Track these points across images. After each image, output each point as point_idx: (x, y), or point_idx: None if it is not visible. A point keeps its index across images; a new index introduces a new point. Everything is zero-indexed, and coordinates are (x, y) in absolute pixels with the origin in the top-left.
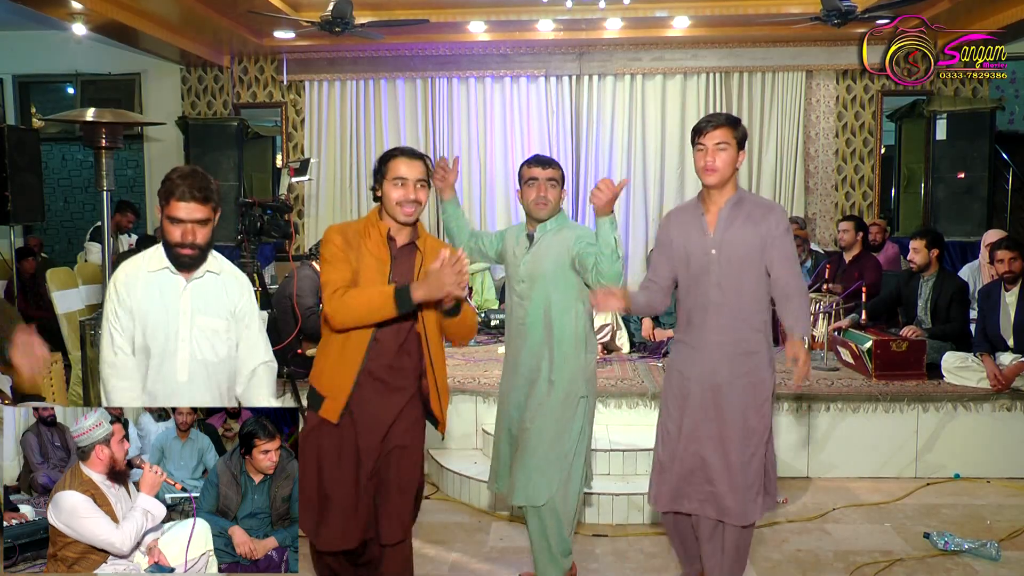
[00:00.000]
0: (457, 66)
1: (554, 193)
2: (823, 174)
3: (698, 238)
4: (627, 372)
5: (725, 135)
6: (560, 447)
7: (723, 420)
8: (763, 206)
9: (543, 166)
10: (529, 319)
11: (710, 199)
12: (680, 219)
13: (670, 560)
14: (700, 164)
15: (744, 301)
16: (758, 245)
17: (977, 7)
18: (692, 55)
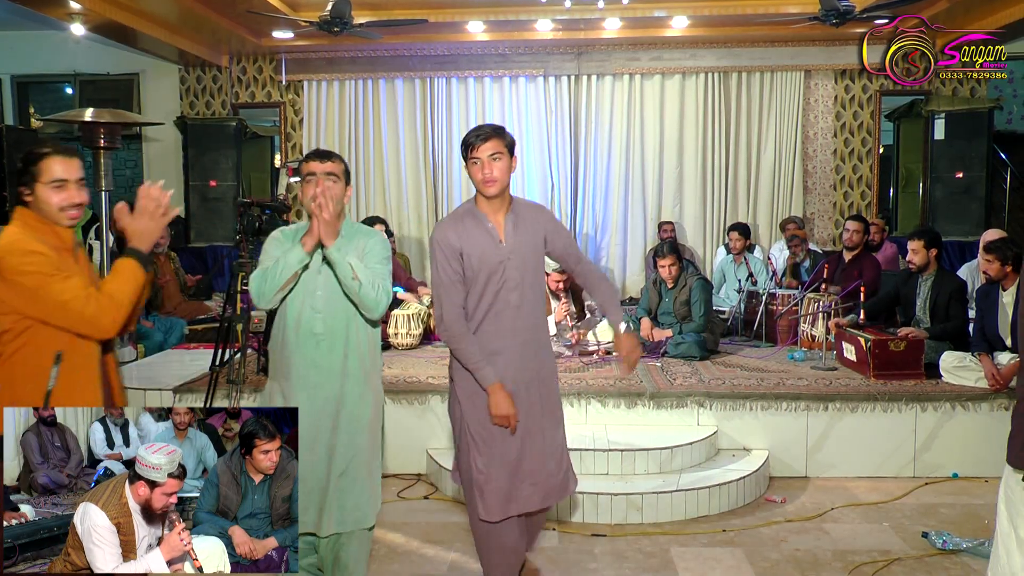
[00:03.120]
0: (456, 66)
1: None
2: (821, 174)
3: (491, 249)
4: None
5: (497, 145)
6: (376, 459)
7: (543, 412)
8: (533, 206)
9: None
10: (328, 332)
11: (491, 208)
12: (463, 232)
13: (669, 560)
14: (478, 177)
15: (536, 297)
16: (541, 243)
17: (975, 7)
18: (691, 55)
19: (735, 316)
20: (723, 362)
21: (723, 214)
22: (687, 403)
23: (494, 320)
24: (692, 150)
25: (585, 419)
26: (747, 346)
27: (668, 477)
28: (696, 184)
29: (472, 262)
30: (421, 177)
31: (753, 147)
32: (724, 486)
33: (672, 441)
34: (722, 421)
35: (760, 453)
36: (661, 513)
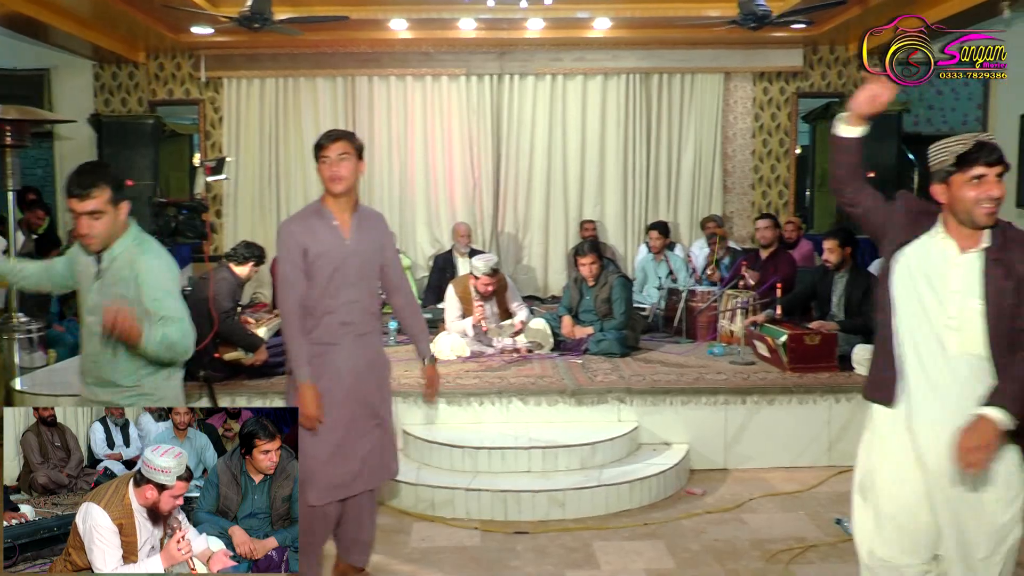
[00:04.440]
0: (378, 64)
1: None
2: (740, 173)
3: (336, 245)
4: (547, 370)
5: (345, 147)
6: None
7: (374, 401)
8: (377, 214)
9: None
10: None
11: (338, 207)
12: (308, 228)
13: (592, 554)
14: (326, 174)
15: (371, 294)
16: (379, 246)
17: (873, 18)
18: (612, 56)
19: (656, 313)
20: (644, 358)
21: (644, 213)
22: (608, 399)
23: (334, 314)
24: (614, 150)
25: (507, 417)
26: (667, 342)
27: (590, 473)
28: (617, 183)
29: (317, 258)
30: None
31: (674, 147)
32: (645, 480)
33: (593, 437)
34: (643, 416)
35: (680, 447)
36: (583, 508)
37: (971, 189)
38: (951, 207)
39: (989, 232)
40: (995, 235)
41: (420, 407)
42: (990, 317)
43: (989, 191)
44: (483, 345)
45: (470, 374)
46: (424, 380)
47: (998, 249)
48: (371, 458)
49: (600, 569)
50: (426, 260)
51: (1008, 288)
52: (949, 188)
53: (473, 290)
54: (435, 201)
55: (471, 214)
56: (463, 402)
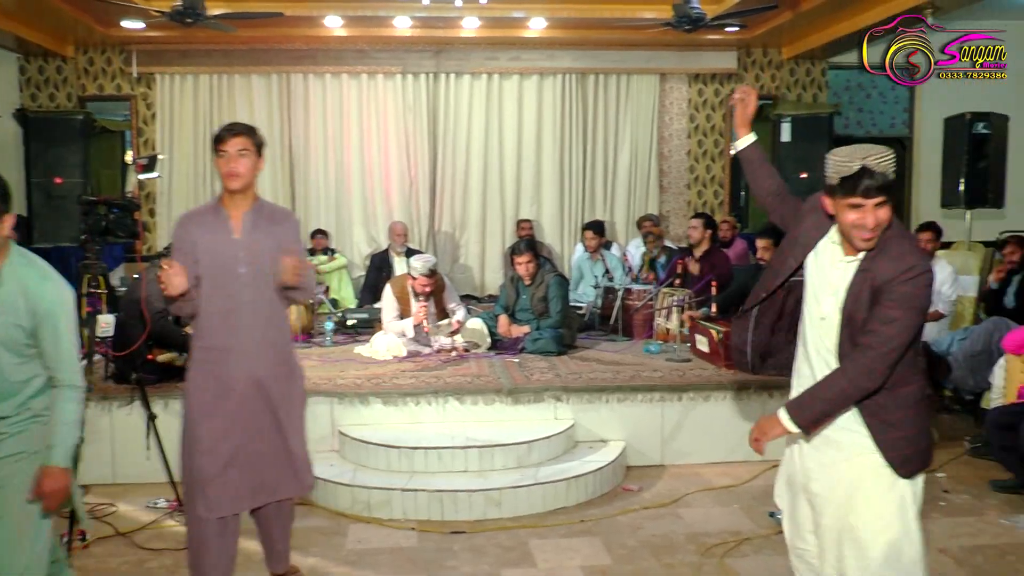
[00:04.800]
0: (313, 62)
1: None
2: (676, 173)
3: (225, 242)
4: (484, 369)
5: (245, 142)
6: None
7: (277, 409)
8: (281, 211)
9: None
10: None
11: (233, 204)
12: (201, 223)
13: (528, 552)
14: (223, 170)
15: (271, 297)
16: (277, 245)
17: (805, 23)
18: (548, 56)
19: (592, 311)
20: (580, 356)
21: (581, 212)
22: (544, 398)
23: (227, 316)
24: (550, 149)
25: (443, 417)
26: (604, 340)
27: (526, 471)
28: (554, 182)
29: (205, 255)
30: (278, 175)
31: (610, 147)
32: (581, 477)
33: (530, 436)
34: (579, 414)
35: (617, 444)
36: (520, 507)
37: (851, 213)
38: (836, 220)
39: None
40: (876, 245)
41: (356, 408)
42: (843, 324)
43: (865, 220)
44: (420, 345)
45: (406, 374)
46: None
47: (870, 259)
48: (271, 471)
49: (537, 567)
50: (363, 259)
51: (864, 299)
52: (834, 204)
53: (411, 290)
54: (372, 200)
55: (408, 213)
56: (399, 402)
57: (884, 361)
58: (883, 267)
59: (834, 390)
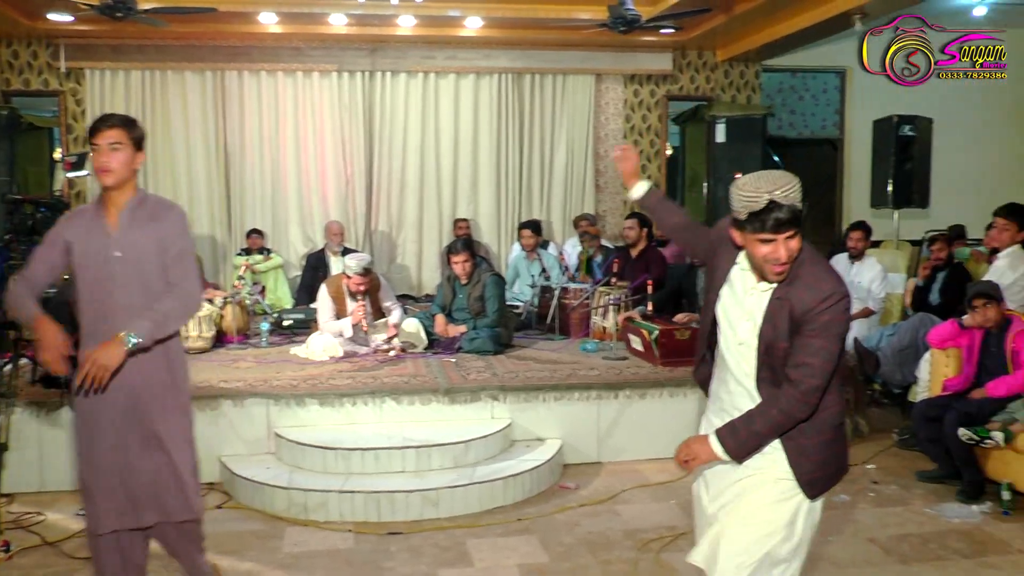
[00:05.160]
0: (248, 59)
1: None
2: (612, 173)
3: (99, 240)
4: (420, 369)
5: (119, 135)
6: None
7: (156, 423)
8: (164, 205)
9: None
10: None
11: (111, 200)
12: (78, 222)
13: (465, 552)
14: (96, 165)
15: (151, 301)
16: (159, 244)
17: (739, 26)
18: (485, 55)
19: (529, 311)
20: (517, 356)
21: (517, 211)
22: (481, 397)
23: (102, 318)
24: (487, 148)
25: (380, 417)
26: (541, 339)
27: (463, 471)
28: (490, 182)
29: (80, 256)
30: (213, 173)
31: (546, 146)
32: (518, 476)
33: (467, 435)
34: (516, 413)
35: (554, 442)
36: (457, 507)
37: (761, 247)
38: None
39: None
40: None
41: (292, 409)
42: (760, 354)
43: (777, 254)
44: (357, 345)
45: (343, 374)
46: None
47: (785, 287)
48: (152, 489)
49: (473, 566)
50: (299, 259)
51: (783, 330)
52: (744, 237)
53: (346, 289)
54: (308, 199)
55: (344, 212)
56: (336, 403)
57: (817, 392)
58: (801, 296)
59: (768, 423)
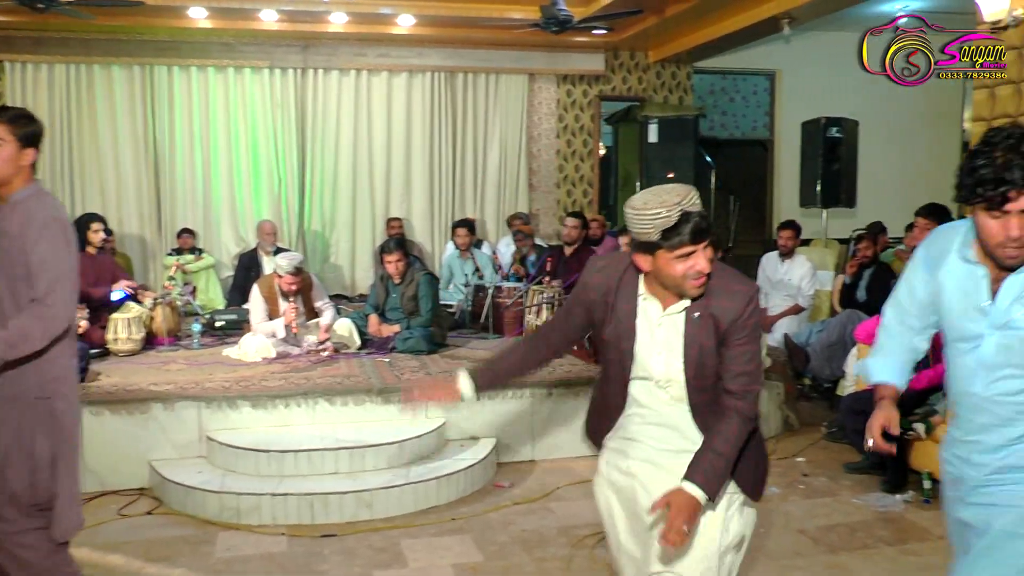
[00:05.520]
0: (178, 54)
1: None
2: (546, 172)
3: None
4: (354, 369)
5: (1, 131)
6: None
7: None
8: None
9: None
10: None
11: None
12: None
13: (400, 553)
14: None
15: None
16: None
17: (671, 28)
18: (417, 53)
19: (462, 310)
20: (451, 355)
21: (451, 210)
22: None
23: None
24: (420, 147)
25: (314, 419)
26: (475, 338)
27: (397, 471)
28: (424, 181)
29: None
30: (143, 171)
31: (479, 145)
32: (453, 476)
33: (401, 435)
34: (450, 412)
35: (488, 441)
36: (391, 507)
37: (680, 264)
38: (655, 276)
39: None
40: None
41: (224, 412)
42: (690, 378)
43: (699, 266)
44: (290, 345)
45: (276, 376)
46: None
47: (700, 303)
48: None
49: (408, 567)
50: (231, 259)
51: (710, 347)
52: (654, 260)
53: (278, 289)
54: (239, 198)
55: (277, 211)
56: (269, 405)
57: (759, 396)
58: (724, 305)
59: (731, 443)
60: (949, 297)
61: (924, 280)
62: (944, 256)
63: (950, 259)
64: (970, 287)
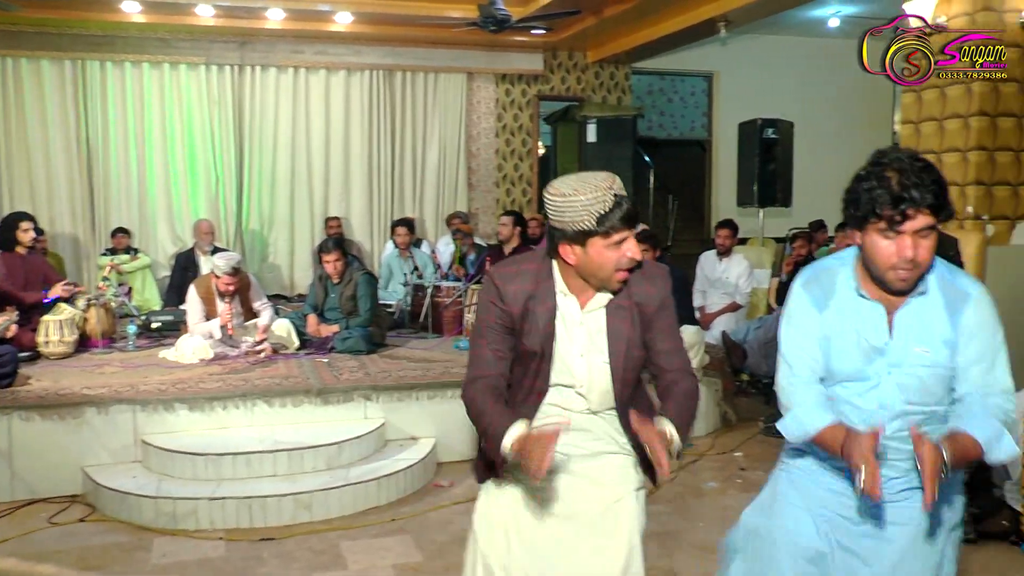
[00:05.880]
0: (111, 49)
1: None
2: (485, 171)
3: None
4: (292, 369)
5: None
6: None
7: None
8: None
9: None
10: None
11: None
12: None
13: (339, 555)
14: None
15: None
16: None
17: (609, 29)
18: (355, 51)
19: (402, 309)
20: (390, 355)
21: (390, 209)
22: (354, 397)
23: None
24: (358, 146)
25: (252, 421)
26: (414, 338)
27: (336, 472)
28: (363, 180)
29: None
30: (75, 169)
31: (418, 144)
32: (392, 476)
33: (340, 436)
34: (389, 413)
35: (427, 441)
36: (331, 509)
37: (613, 251)
38: (581, 269)
39: None
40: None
41: (161, 415)
42: (616, 372)
43: (633, 251)
44: (227, 346)
45: (213, 377)
46: None
47: (623, 295)
48: None
49: (348, 569)
50: (167, 259)
51: (636, 337)
52: (585, 250)
53: (215, 289)
54: (176, 197)
55: (214, 210)
56: (206, 407)
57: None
58: (646, 291)
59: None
60: (842, 336)
61: (816, 320)
62: (830, 295)
63: (839, 296)
64: (866, 325)
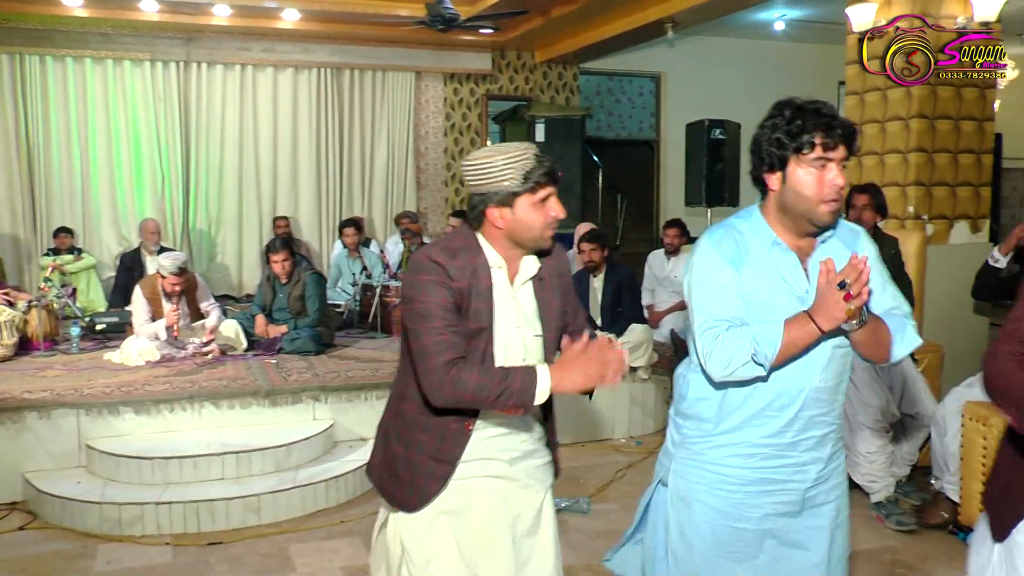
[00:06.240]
0: (52, 43)
1: None
2: (433, 171)
3: None
4: (240, 371)
5: None
6: None
7: None
8: None
9: None
10: None
11: None
12: None
13: (288, 558)
14: None
15: None
16: None
17: (556, 29)
18: (303, 49)
19: (351, 309)
20: (339, 355)
21: (338, 209)
22: (303, 398)
23: None
24: (306, 145)
25: (199, 423)
26: (363, 338)
27: (285, 475)
28: (311, 179)
29: None
30: (14, 166)
31: (367, 143)
32: (341, 478)
33: (288, 438)
34: (338, 414)
35: None
36: (279, 512)
37: (539, 211)
38: (512, 232)
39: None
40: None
41: (106, 419)
42: (548, 344)
43: (557, 209)
44: (174, 348)
45: (159, 379)
46: None
47: (544, 269)
48: None
49: (296, 572)
50: (112, 259)
51: (559, 306)
52: (513, 211)
53: (161, 290)
54: (121, 195)
55: (160, 209)
56: (152, 410)
57: None
58: (557, 263)
59: None
60: (765, 290)
61: (734, 277)
62: (744, 252)
63: (753, 252)
64: (789, 275)
